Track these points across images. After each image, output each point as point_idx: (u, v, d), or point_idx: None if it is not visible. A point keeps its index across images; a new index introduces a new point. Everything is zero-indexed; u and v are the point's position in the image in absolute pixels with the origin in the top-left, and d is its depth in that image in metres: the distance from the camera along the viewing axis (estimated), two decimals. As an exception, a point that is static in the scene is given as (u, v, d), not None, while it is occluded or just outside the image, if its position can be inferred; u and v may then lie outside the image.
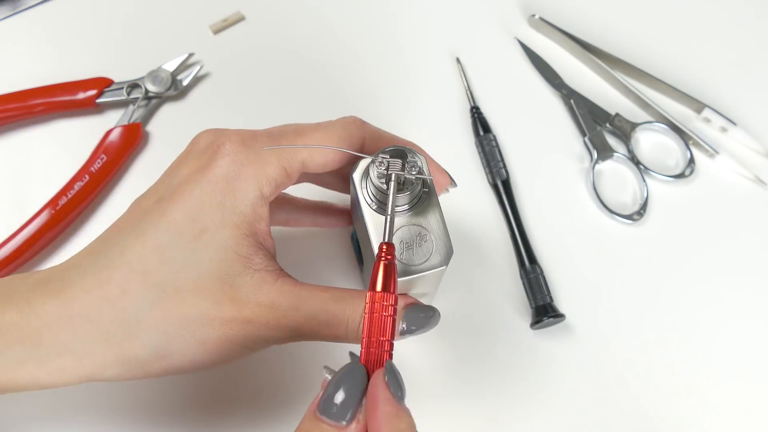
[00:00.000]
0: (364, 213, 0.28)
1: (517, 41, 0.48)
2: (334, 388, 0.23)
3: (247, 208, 0.27)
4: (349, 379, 0.24)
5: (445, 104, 0.46)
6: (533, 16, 0.48)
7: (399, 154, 0.27)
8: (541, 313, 0.39)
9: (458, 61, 0.47)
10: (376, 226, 0.28)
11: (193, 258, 0.27)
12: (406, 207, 0.28)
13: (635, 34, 0.49)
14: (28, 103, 0.43)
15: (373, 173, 0.27)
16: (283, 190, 0.30)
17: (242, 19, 0.48)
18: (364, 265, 0.36)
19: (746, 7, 0.50)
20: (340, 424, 0.23)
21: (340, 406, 0.23)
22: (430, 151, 0.31)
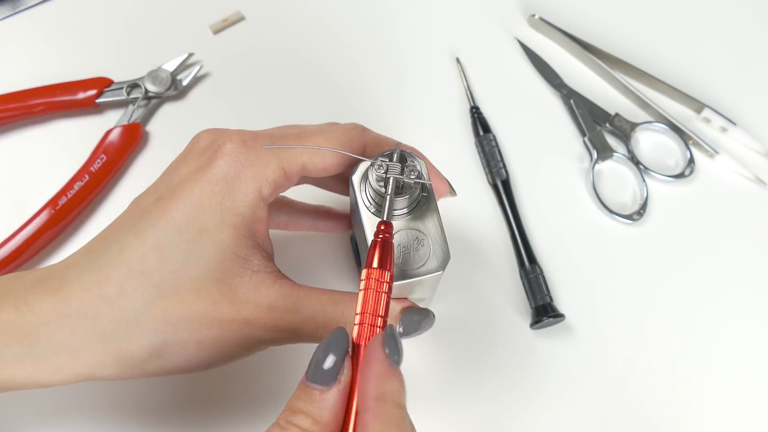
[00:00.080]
0: (363, 216, 0.28)
1: (517, 41, 0.48)
2: (321, 354, 0.24)
3: (246, 209, 0.27)
4: (332, 344, 0.24)
5: (445, 104, 0.46)
6: (533, 16, 0.48)
7: (398, 157, 0.27)
8: (540, 313, 0.39)
9: (458, 61, 0.47)
10: (374, 229, 0.28)
11: (192, 258, 0.27)
12: (404, 211, 0.28)
13: (635, 34, 0.49)
14: (28, 103, 0.43)
15: (372, 176, 0.27)
16: (283, 193, 0.30)
17: (242, 19, 0.48)
18: (362, 268, 0.36)
19: (746, 7, 0.50)
20: (325, 388, 0.23)
21: (326, 371, 0.23)
22: (430, 151, 0.31)
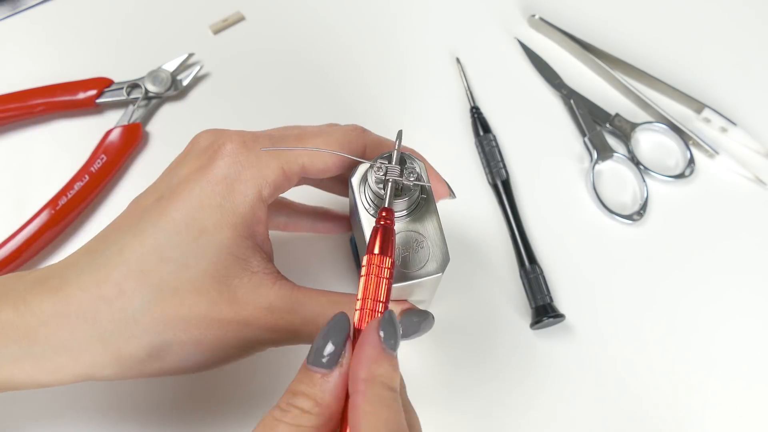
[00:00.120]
0: (362, 218, 0.28)
1: (517, 41, 0.48)
2: (322, 339, 0.24)
3: (246, 210, 0.27)
4: (334, 329, 0.24)
5: (445, 104, 0.46)
6: (533, 16, 0.48)
7: (398, 160, 0.27)
8: (540, 313, 0.39)
9: (458, 61, 0.47)
10: None
11: (191, 258, 0.27)
12: (403, 213, 0.28)
13: (635, 34, 0.49)
14: (28, 103, 0.43)
15: (371, 178, 0.27)
16: (283, 194, 0.30)
17: (242, 19, 0.48)
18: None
19: (746, 7, 0.50)
20: (327, 371, 0.23)
21: (327, 355, 0.23)
22: (430, 151, 0.31)
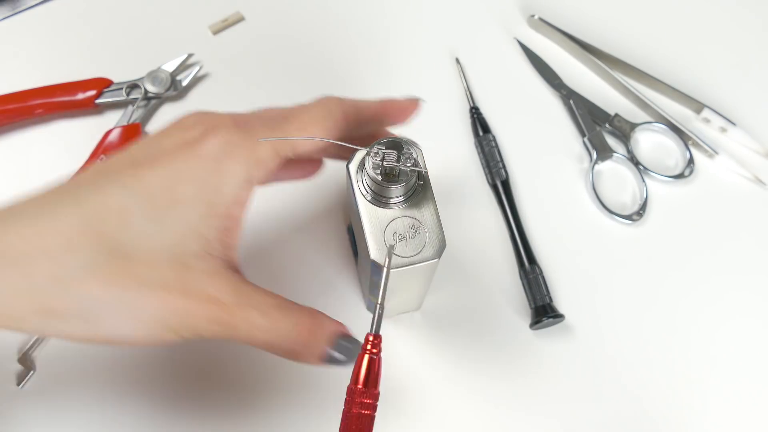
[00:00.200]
0: (359, 204, 0.28)
1: (517, 41, 0.48)
2: None
3: (230, 190, 0.27)
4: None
5: (445, 104, 0.46)
6: (533, 16, 0.48)
7: (394, 145, 0.27)
8: (540, 313, 0.39)
9: (458, 61, 0.47)
10: (371, 218, 0.28)
11: (155, 228, 0.25)
12: (400, 199, 0.28)
13: (635, 34, 0.49)
14: (28, 103, 0.43)
15: (369, 165, 0.27)
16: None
17: (242, 19, 0.48)
18: (358, 258, 0.36)
19: (746, 7, 0.50)
20: None
21: None
22: (430, 151, 0.31)
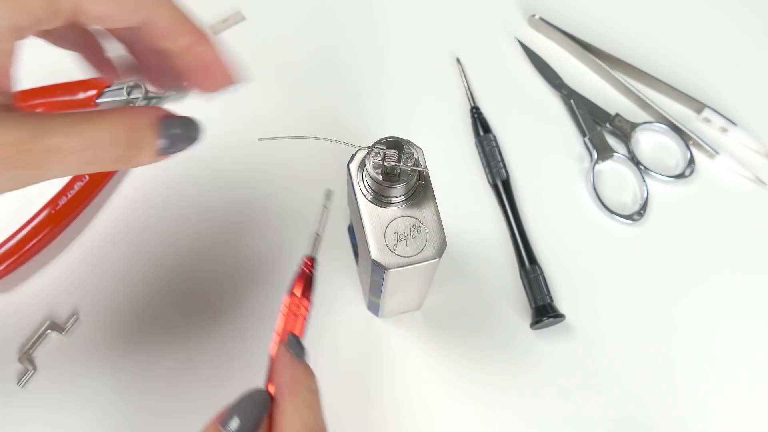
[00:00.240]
0: (360, 203, 0.28)
1: (517, 41, 0.48)
2: (234, 412, 0.24)
3: None
4: (250, 404, 0.24)
5: (445, 104, 0.46)
6: (533, 16, 0.48)
7: (395, 145, 0.27)
8: (541, 313, 0.39)
9: (458, 61, 0.47)
10: (371, 217, 0.28)
11: None
12: (401, 198, 0.28)
13: (635, 34, 0.49)
14: (28, 103, 0.43)
15: (369, 164, 0.27)
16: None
17: (242, 19, 0.48)
18: (359, 257, 0.36)
19: (746, 7, 0.50)
20: None
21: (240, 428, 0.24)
22: (430, 151, 0.31)
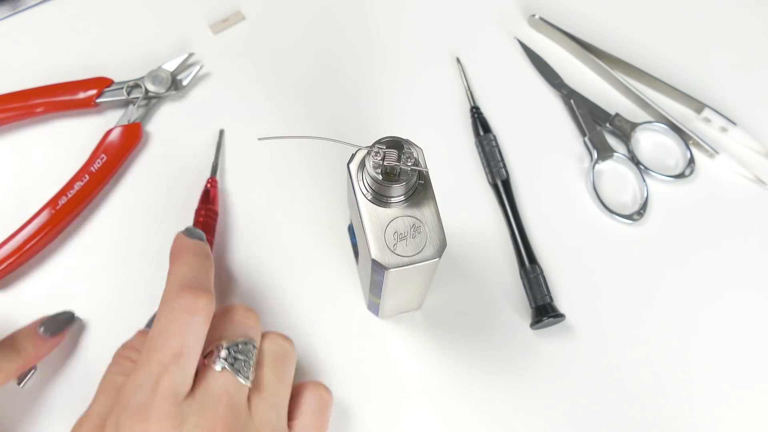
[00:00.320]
0: (360, 203, 0.28)
1: (517, 41, 0.48)
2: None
3: None
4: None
5: (445, 104, 0.46)
6: (533, 16, 0.48)
7: (395, 144, 0.27)
8: (541, 313, 0.39)
9: (458, 61, 0.47)
10: (371, 217, 0.28)
11: None
12: (401, 198, 0.28)
13: (635, 34, 0.49)
14: (28, 103, 0.43)
15: (369, 164, 0.27)
16: None
17: (242, 19, 0.48)
18: (359, 257, 0.36)
19: (746, 7, 0.50)
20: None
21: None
22: (430, 151, 0.31)
